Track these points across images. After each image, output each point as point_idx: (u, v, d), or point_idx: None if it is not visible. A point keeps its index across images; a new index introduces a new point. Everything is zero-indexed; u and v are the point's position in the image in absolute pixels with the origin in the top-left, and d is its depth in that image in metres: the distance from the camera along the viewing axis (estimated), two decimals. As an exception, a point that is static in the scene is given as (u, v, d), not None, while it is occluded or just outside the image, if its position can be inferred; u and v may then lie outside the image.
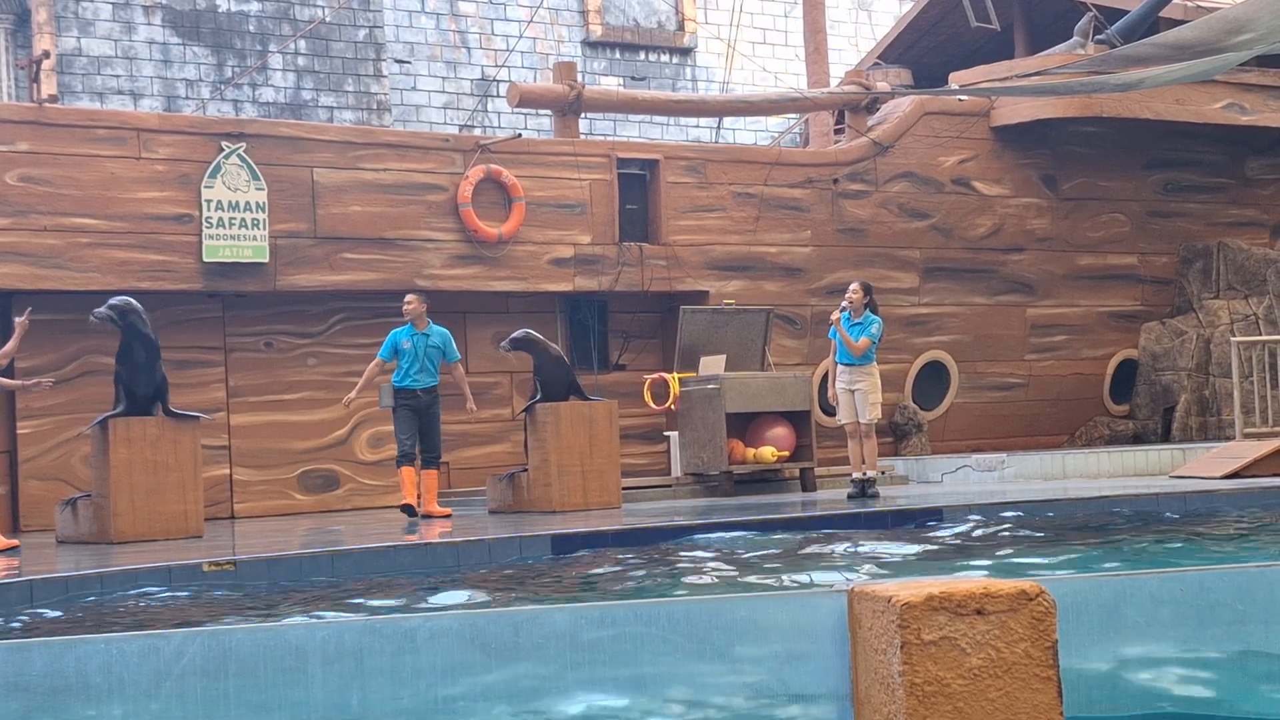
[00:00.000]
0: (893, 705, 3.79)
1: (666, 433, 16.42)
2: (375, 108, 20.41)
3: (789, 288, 17.27)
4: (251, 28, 19.76)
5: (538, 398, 13.87)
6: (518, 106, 17.32)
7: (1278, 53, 14.48)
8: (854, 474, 14.04)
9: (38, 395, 14.02)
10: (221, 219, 14.47)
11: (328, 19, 19.82)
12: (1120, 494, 12.77)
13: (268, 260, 14.70)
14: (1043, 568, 8.89)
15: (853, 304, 13.85)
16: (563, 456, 13.55)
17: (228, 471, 14.91)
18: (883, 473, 15.33)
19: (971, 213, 18.34)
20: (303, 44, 19.86)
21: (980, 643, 3.79)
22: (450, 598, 8.30)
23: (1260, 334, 17.72)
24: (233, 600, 8.48)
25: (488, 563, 10.10)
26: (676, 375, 15.67)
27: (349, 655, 3.84)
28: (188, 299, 14.74)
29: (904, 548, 10.26)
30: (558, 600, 8.23)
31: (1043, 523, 11.61)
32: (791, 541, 10.51)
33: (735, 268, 17.02)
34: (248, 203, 14.58)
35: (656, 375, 15.92)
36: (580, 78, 18.58)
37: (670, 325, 16.52)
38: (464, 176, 15.64)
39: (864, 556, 9.88)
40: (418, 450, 13.45)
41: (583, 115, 17.33)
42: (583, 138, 17.19)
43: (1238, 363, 15.93)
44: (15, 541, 11.56)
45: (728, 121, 21.52)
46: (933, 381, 18.22)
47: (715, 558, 9.79)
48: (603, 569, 9.50)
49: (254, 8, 19.80)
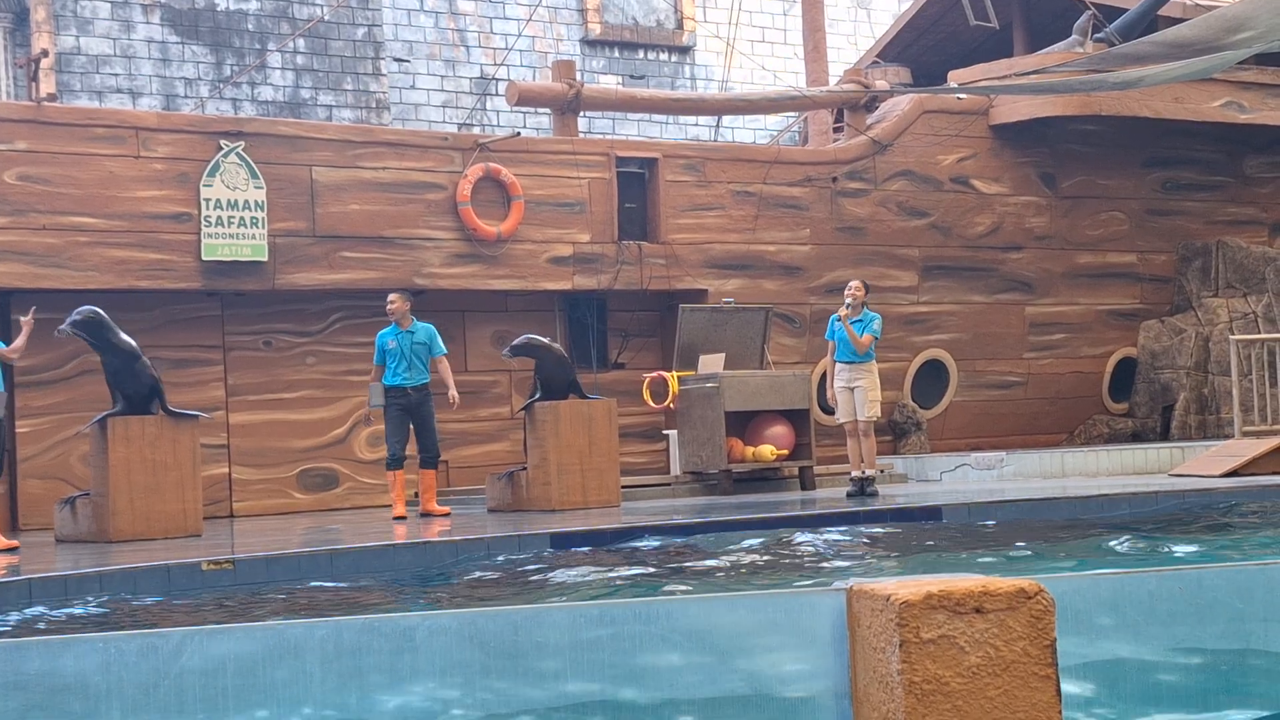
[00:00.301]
0: (891, 704, 3.79)
1: (665, 431, 16.41)
2: (374, 106, 20.40)
3: (788, 286, 17.26)
4: (250, 26, 19.75)
5: (537, 396, 13.88)
6: (516, 105, 17.31)
7: (1276, 51, 14.48)
8: (853, 472, 14.05)
9: (37, 395, 14.02)
10: (220, 218, 14.46)
11: (326, 17, 19.80)
12: (1119, 492, 12.78)
13: (266, 259, 14.69)
14: (1042, 566, 8.89)
15: (857, 300, 13.88)
16: (562, 455, 13.55)
17: (226, 470, 14.90)
18: (882, 471, 15.33)
19: (970, 211, 18.34)
20: (301, 42, 19.85)
21: (979, 641, 3.78)
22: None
23: (1259, 332, 17.72)
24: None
25: (486, 561, 10.10)
26: (675, 374, 15.65)
27: (348, 654, 3.83)
28: (186, 298, 14.74)
29: (903, 546, 10.26)
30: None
31: (1041, 521, 11.62)
32: (791, 539, 10.51)
33: (734, 266, 17.02)
34: (246, 201, 14.58)
35: (655, 374, 15.91)
36: (579, 76, 18.56)
37: (669, 324, 16.51)
38: (463, 175, 15.64)
39: (863, 555, 9.88)
40: (410, 452, 13.44)
41: (581, 114, 17.32)
42: (581, 136, 17.18)
43: (1236, 361, 15.92)
44: (15, 542, 11.55)
45: (726, 120, 21.51)
46: (932, 380, 18.21)
47: (715, 556, 9.79)
48: (596, 568, 9.50)
49: (253, 6, 19.79)
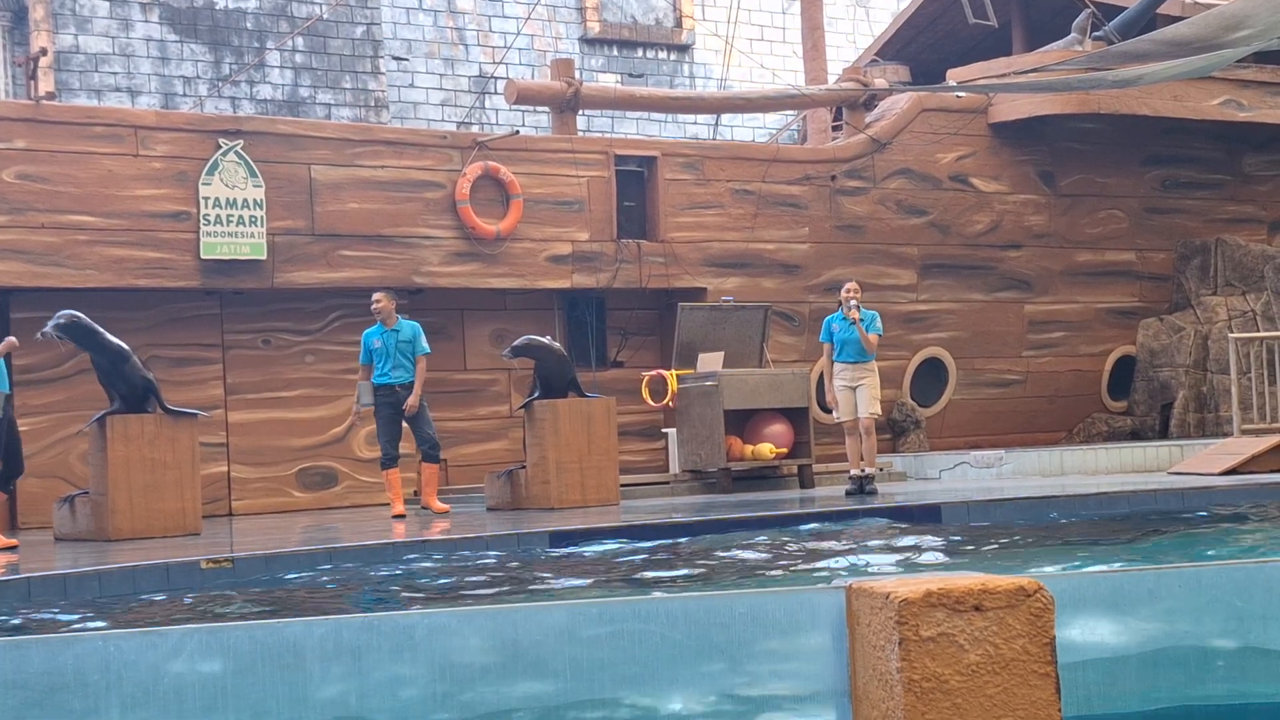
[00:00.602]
0: (891, 701, 3.79)
1: (665, 430, 16.41)
2: (373, 105, 20.40)
3: (787, 284, 17.26)
4: (249, 25, 19.74)
5: (536, 394, 13.87)
6: (515, 103, 17.30)
7: (1275, 49, 14.48)
8: (852, 470, 14.05)
9: (35, 394, 14.01)
10: (219, 216, 14.45)
11: (325, 16, 19.80)
12: (1118, 490, 12.77)
13: (265, 257, 14.69)
14: (1041, 564, 8.88)
15: (856, 298, 13.90)
16: (561, 453, 13.55)
17: (225, 469, 14.90)
18: (881, 469, 15.33)
19: (969, 209, 18.34)
20: (300, 41, 19.84)
21: (978, 639, 3.78)
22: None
23: (1258, 330, 17.73)
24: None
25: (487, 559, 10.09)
26: (674, 372, 15.65)
27: (347, 652, 3.83)
28: (185, 296, 14.74)
29: (902, 544, 10.26)
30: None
31: (1041, 519, 11.61)
32: (790, 537, 10.51)
33: (733, 264, 17.01)
34: (245, 200, 14.57)
35: (655, 372, 15.90)
36: (578, 74, 18.56)
37: (668, 322, 16.51)
38: (462, 174, 15.63)
39: (862, 553, 9.88)
40: (409, 450, 13.43)
41: (580, 112, 17.31)
42: (580, 135, 17.18)
43: (1235, 359, 15.92)
44: (15, 541, 11.55)
45: (725, 118, 21.51)
46: (931, 378, 18.21)
47: (714, 554, 9.79)
48: (601, 566, 9.49)
49: (251, 5, 19.78)
